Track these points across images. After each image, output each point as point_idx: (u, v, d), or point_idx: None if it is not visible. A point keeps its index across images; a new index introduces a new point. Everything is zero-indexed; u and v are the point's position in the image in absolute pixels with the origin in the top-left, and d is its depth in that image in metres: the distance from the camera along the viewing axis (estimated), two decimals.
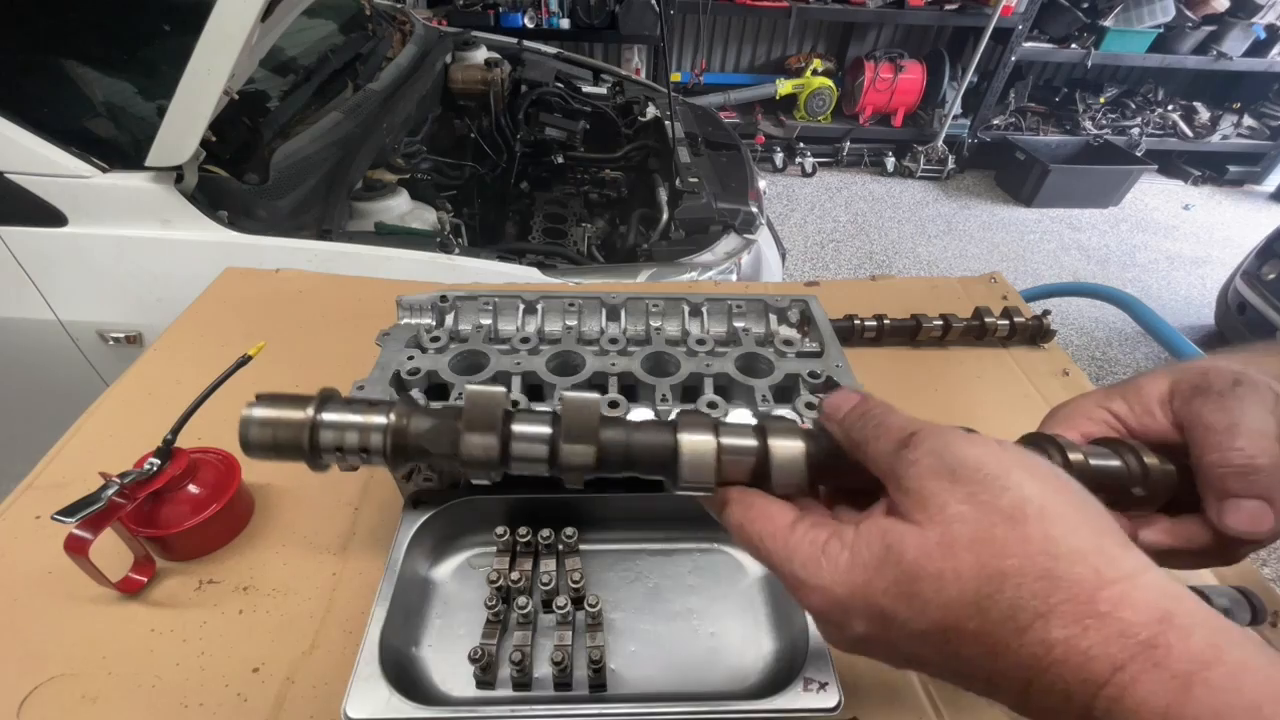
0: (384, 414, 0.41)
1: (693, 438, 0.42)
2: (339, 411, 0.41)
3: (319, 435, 0.40)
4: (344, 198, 1.72)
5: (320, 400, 0.41)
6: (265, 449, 0.41)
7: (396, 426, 0.41)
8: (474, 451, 0.40)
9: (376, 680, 0.59)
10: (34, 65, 1.53)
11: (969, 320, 1.16)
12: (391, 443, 0.40)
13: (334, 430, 0.41)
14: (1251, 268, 3.30)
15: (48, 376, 1.60)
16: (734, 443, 0.42)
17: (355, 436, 0.41)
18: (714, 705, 0.61)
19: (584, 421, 0.42)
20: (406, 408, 0.42)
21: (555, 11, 4.27)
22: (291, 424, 0.40)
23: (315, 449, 0.40)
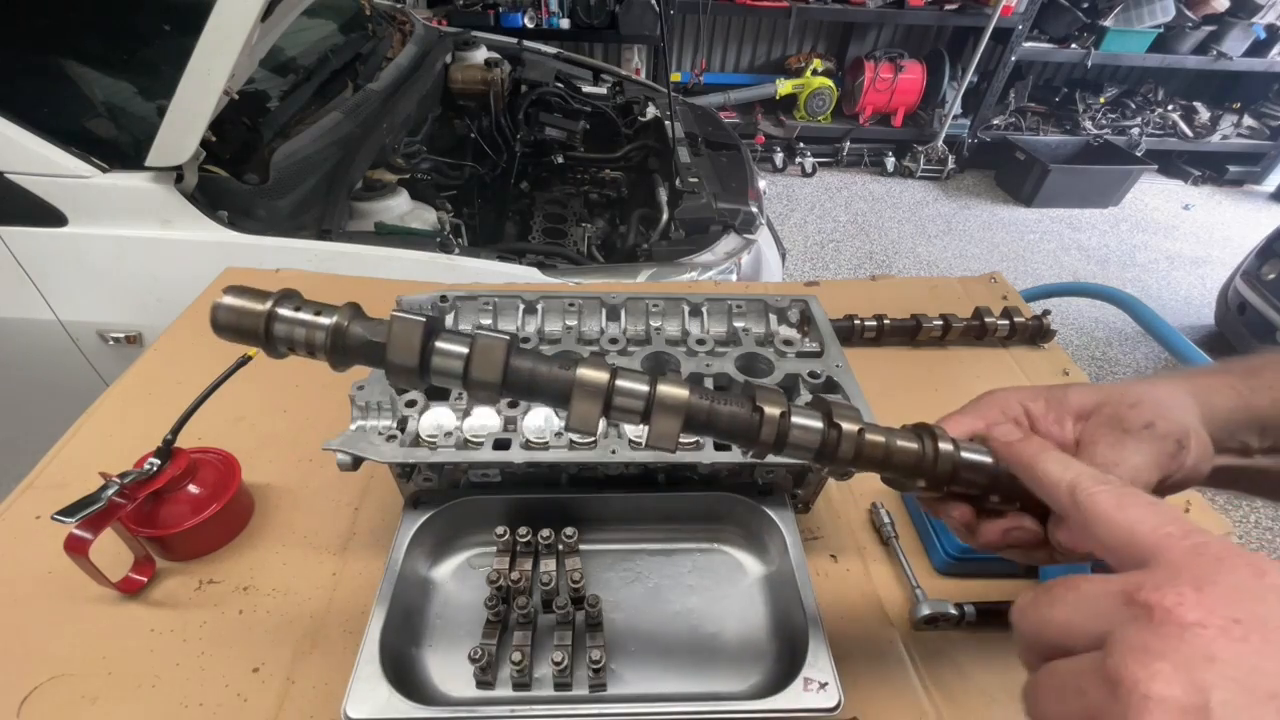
0: (329, 316, 0.46)
1: (588, 372, 0.47)
2: (291, 309, 0.46)
3: (273, 326, 0.45)
4: (344, 198, 1.72)
5: (278, 297, 0.46)
6: (229, 331, 0.46)
7: (336, 327, 0.46)
8: (398, 357, 0.45)
9: (376, 680, 0.59)
10: (34, 65, 1.53)
11: (969, 320, 1.16)
12: (331, 342, 0.45)
13: (285, 324, 0.45)
14: (1251, 268, 3.30)
15: (48, 376, 1.59)
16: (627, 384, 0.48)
17: (303, 332, 0.45)
18: (714, 705, 0.61)
19: (493, 351, 0.47)
20: (350, 313, 0.46)
21: (555, 11, 4.27)
22: (251, 314, 0.45)
23: (270, 338, 0.45)
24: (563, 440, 0.72)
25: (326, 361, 0.47)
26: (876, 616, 0.76)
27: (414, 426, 0.73)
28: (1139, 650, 0.27)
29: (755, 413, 0.48)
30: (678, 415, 0.47)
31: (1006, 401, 0.52)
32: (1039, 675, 0.33)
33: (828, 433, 0.48)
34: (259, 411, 0.98)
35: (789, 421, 0.48)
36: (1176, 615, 0.28)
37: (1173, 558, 0.31)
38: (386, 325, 0.46)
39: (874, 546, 0.84)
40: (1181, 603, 0.28)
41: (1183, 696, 0.26)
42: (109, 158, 1.43)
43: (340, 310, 0.46)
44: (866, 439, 0.48)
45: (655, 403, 0.47)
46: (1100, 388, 0.49)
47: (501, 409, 0.75)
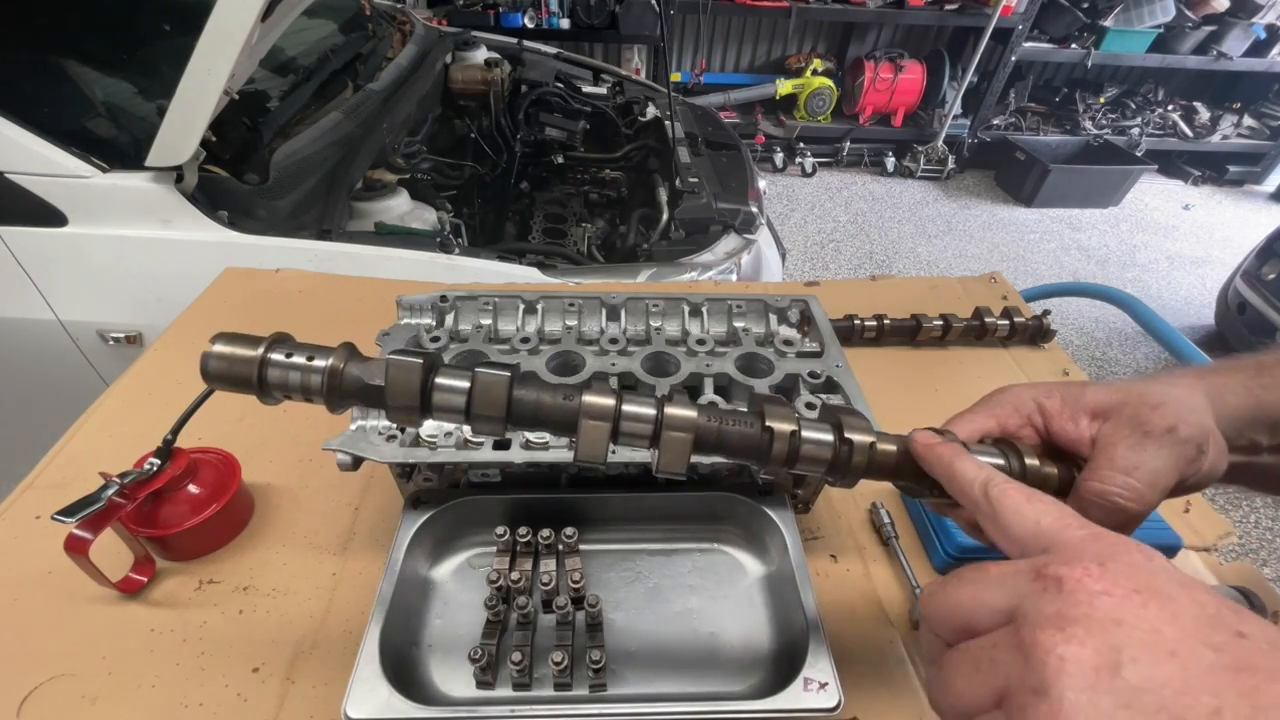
0: (324, 359, 0.45)
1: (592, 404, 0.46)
2: (285, 353, 0.45)
3: (266, 373, 0.45)
4: (344, 198, 1.72)
5: (270, 342, 0.46)
6: (221, 380, 0.46)
7: (332, 370, 0.45)
8: (398, 398, 0.45)
9: (376, 680, 0.59)
10: (34, 65, 1.53)
11: (969, 320, 1.16)
12: (327, 385, 0.45)
13: (279, 369, 0.45)
14: (1251, 268, 3.30)
15: (48, 376, 1.59)
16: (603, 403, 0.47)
17: (297, 377, 0.45)
18: (714, 705, 0.61)
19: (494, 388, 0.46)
20: (345, 355, 0.46)
21: (555, 11, 4.27)
22: (243, 361, 0.45)
23: (264, 385, 0.45)
24: (562, 440, 0.72)
25: (324, 405, 0.46)
26: (876, 616, 0.76)
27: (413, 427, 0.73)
28: (1052, 616, 0.30)
29: (765, 432, 0.47)
30: (686, 438, 0.46)
31: (1020, 398, 0.51)
32: (949, 656, 0.35)
33: (839, 447, 0.47)
34: (259, 411, 0.97)
35: (800, 438, 0.47)
36: (1085, 584, 0.30)
37: (1074, 542, 0.34)
38: (384, 367, 0.45)
39: (874, 546, 0.84)
40: (1088, 574, 0.30)
41: (1094, 656, 0.28)
42: (109, 158, 1.43)
43: (335, 352, 0.46)
44: (878, 450, 0.48)
45: (663, 426, 0.46)
46: (1118, 387, 0.48)
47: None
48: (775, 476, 0.50)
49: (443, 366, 0.47)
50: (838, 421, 0.49)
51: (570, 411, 0.46)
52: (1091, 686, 0.27)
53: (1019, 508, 0.37)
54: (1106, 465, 0.44)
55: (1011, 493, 0.39)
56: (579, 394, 0.46)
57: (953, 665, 0.34)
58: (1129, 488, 0.43)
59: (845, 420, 0.48)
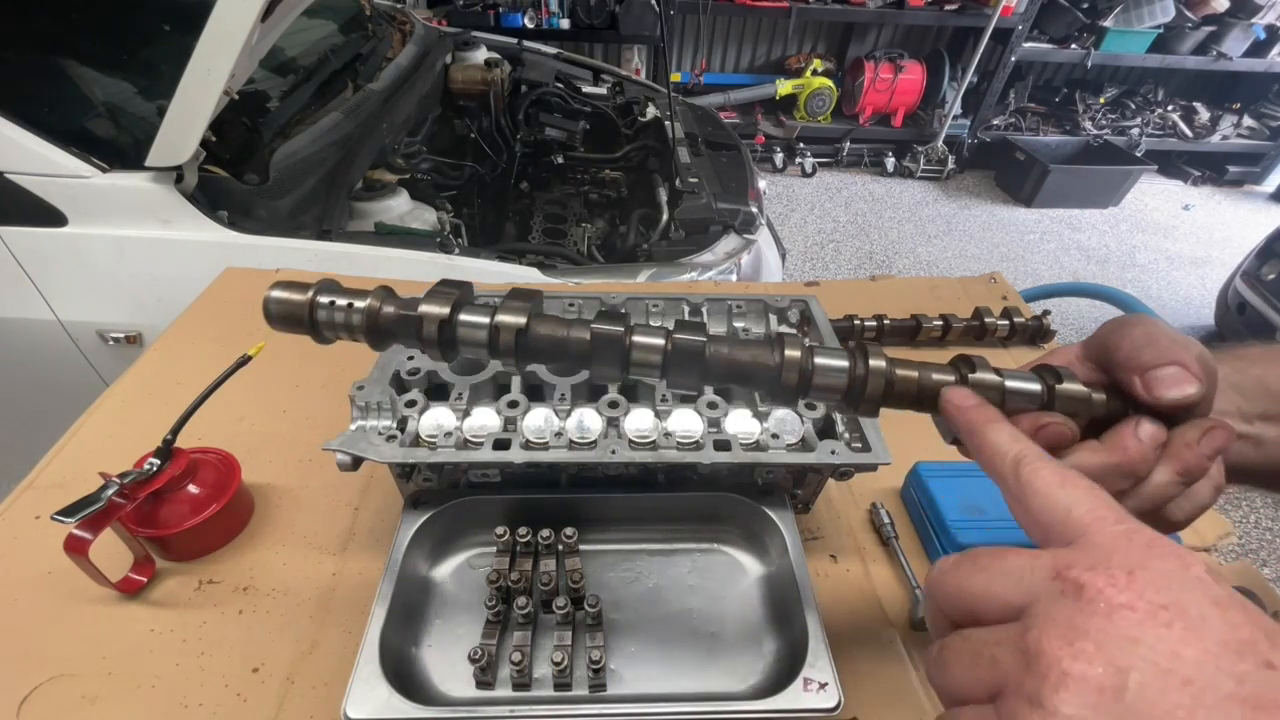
0: (364, 299, 0.50)
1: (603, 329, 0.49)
2: (330, 295, 0.50)
3: (316, 313, 0.50)
4: (344, 198, 1.71)
5: (318, 288, 0.50)
6: (280, 320, 0.50)
7: (370, 309, 0.50)
8: (430, 330, 0.49)
9: (376, 680, 0.59)
10: (34, 65, 1.53)
11: (969, 320, 1.16)
12: (366, 322, 0.50)
13: (326, 310, 0.50)
14: (1251, 268, 3.30)
15: (48, 376, 1.59)
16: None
17: (342, 315, 0.50)
18: (714, 705, 0.61)
19: (519, 302, 0.50)
20: (382, 295, 0.51)
21: (555, 11, 4.27)
22: (295, 303, 0.50)
23: (315, 324, 0.50)
24: (562, 440, 0.72)
25: (366, 343, 0.51)
26: (876, 616, 0.76)
27: (414, 426, 0.73)
28: (1064, 626, 0.28)
29: (776, 353, 0.47)
30: (699, 344, 0.48)
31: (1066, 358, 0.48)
32: (950, 639, 0.33)
33: (854, 369, 0.45)
34: (259, 411, 0.98)
35: (812, 360, 0.46)
36: (1107, 595, 0.28)
37: (1104, 540, 0.31)
38: (415, 305, 0.50)
39: (874, 547, 0.84)
40: (1113, 584, 0.28)
41: (1102, 676, 0.26)
42: (109, 158, 1.43)
43: (373, 294, 0.50)
44: (897, 374, 0.45)
45: (673, 351, 0.48)
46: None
47: (501, 409, 0.75)
48: (790, 404, 0.50)
49: (468, 305, 0.50)
50: (856, 347, 0.48)
51: (582, 343, 0.49)
52: (1091, 706, 0.26)
53: (1050, 491, 0.34)
54: (1126, 334, 0.44)
55: (1044, 473, 0.35)
56: (590, 325, 0.50)
57: (953, 651, 0.33)
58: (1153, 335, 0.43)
59: (866, 348, 0.47)
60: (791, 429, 0.75)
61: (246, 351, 0.81)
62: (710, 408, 0.76)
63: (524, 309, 0.50)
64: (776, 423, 0.76)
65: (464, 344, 0.50)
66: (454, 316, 0.50)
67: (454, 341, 0.50)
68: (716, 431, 0.75)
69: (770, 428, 0.75)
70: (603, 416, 0.75)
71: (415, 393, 0.76)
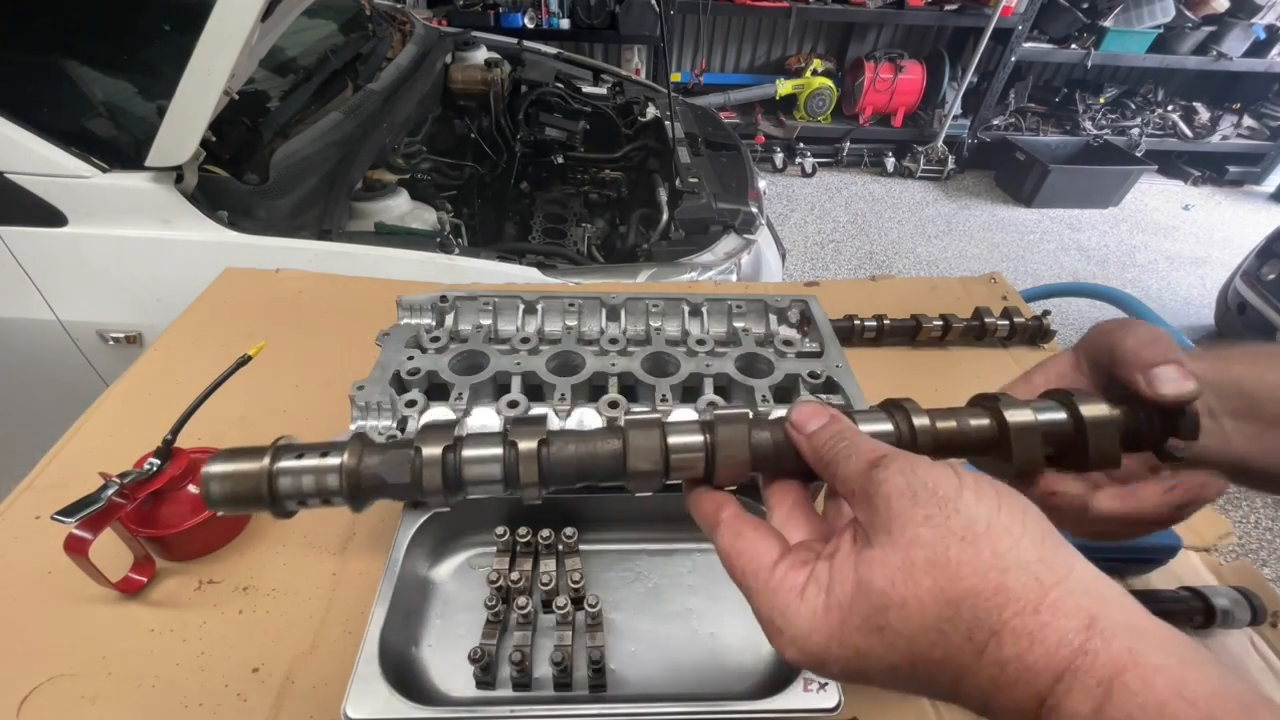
0: (338, 455, 0.41)
1: (639, 436, 0.42)
2: (294, 459, 0.41)
3: (277, 484, 0.41)
4: (344, 198, 1.71)
5: (275, 450, 0.41)
6: (229, 503, 0.41)
7: (350, 467, 0.41)
8: (432, 479, 0.41)
9: (376, 680, 0.59)
10: (34, 65, 1.53)
11: (969, 320, 1.16)
12: (347, 483, 0.41)
13: (291, 477, 0.41)
14: (1251, 268, 3.30)
15: (48, 376, 1.59)
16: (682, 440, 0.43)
17: (311, 480, 0.41)
18: (714, 705, 0.61)
19: (532, 434, 0.43)
20: (359, 445, 0.42)
21: (555, 11, 4.27)
22: (249, 476, 0.41)
23: (275, 497, 0.41)
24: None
25: (348, 506, 0.42)
26: None
27: (414, 426, 0.73)
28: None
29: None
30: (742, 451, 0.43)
31: (1060, 368, 0.50)
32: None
33: (899, 428, 0.43)
34: (259, 411, 0.98)
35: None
36: None
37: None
38: (407, 461, 0.41)
39: None
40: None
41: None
42: (109, 158, 1.43)
43: (349, 447, 0.41)
44: (939, 427, 0.43)
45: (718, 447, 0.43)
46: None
47: (501, 409, 0.75)
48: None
49: (467, 439, 0.43)
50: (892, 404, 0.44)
51: (615, 456, 0.42)
52: None
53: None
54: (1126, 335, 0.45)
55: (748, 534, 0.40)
56: (623, 435, 0.42)
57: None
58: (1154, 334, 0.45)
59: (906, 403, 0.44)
60: None
61: (246, 351, 0.81)
62: (711, 407, 0.77)
63: (538, 431, 0.43)
64: None
65: (472, 483, 0.42)
66: (457, 453, 0.42)
67: (460, 483, 0.42)
68: None
69: None
70: (603, 416, 0.75)
71: (415, 393, 0.76)
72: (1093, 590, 0.29)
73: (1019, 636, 0.28)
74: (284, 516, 0.42)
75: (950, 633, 0.30)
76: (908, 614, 0.31)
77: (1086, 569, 0.30)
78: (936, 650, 0.30)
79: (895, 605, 0.31)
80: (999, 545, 0.30)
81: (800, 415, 0.42)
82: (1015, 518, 0.32)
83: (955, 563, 0.30)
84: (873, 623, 0.32)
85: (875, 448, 0.37)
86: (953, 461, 0.35)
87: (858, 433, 0.40)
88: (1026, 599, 0.29)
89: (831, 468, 0.38)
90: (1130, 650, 0.27)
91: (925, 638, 0.30)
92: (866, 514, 0.35)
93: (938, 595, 0.30)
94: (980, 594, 0.29)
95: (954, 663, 0.30)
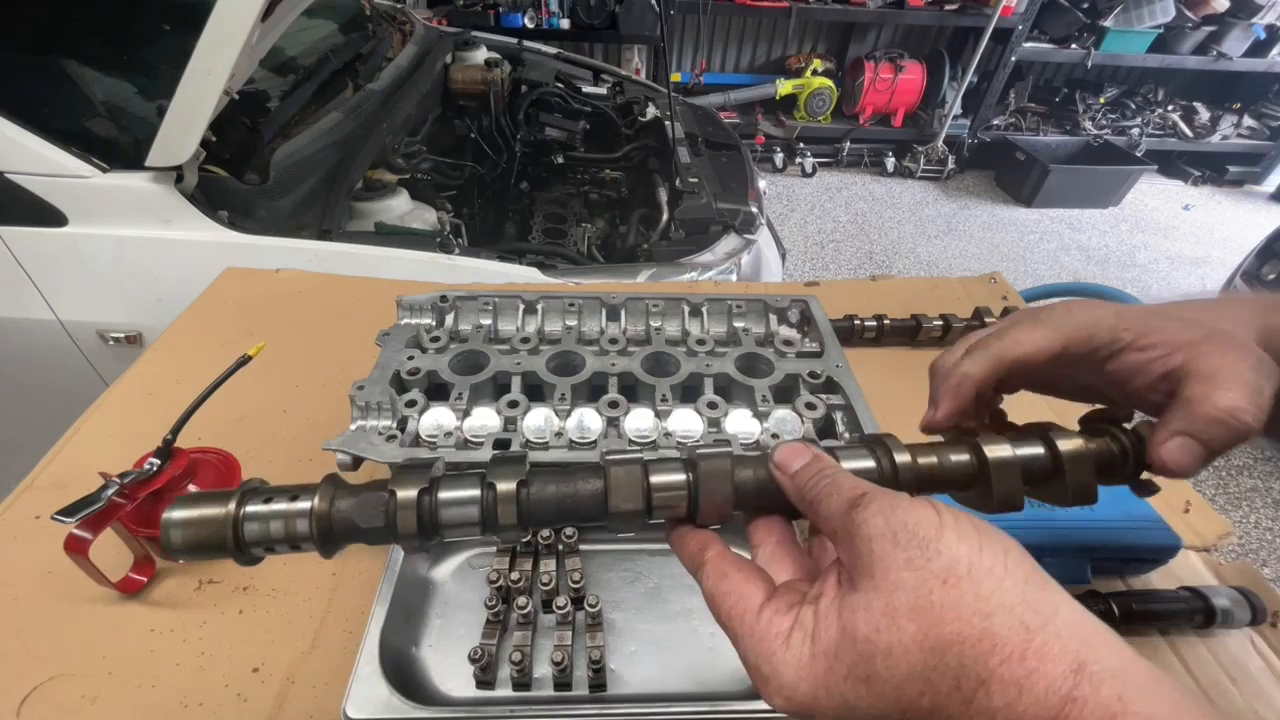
0: (308, 499, 0.40)
1: (621, 474, 0.41)
2: (261, 503, 0.40)
3: (242, 530, 0.39)
4: (344, 198, 1.71)
5: (241, 494, 0.40)
6: (190, 550, 0.39)
7: (321, 511, 0.39)
8: (406, 523, 0.40)
9: (376, 680, 0.59)
10: (34, 65, 1.53)
11: (969, 320, 1.16)
12: (318, 528, 0.39)
13: (259, 522, 0.39)
14: (1251, 268, 3.30)
15: (48, 376, 1.59)
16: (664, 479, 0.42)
17: (280, 526, 0.39)
18: (714, 705, 0.61)
19: (511, 474, 0.42)
20: (330, 488, 0.40)
21: (555, 11, 4.27)
22: (214, 522, 0.39)
23: (241, 545, 0.39)
24: (563, 440, 0.72)
25: (317, 551, 0.40)
26: None
27: (414, 426, 0.73)
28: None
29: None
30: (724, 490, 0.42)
31: (1096, 323, 0.45)
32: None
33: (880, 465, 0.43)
34: (259, 411, 0.98)
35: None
36: None
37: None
38: (381, 504, 0.40)
39: None
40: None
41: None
42: (109, 158, 1.43)
43: (320, 490, 0.40)
44: (920, 463, 0.43)
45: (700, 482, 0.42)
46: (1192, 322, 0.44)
47: (501, 409, 0.75)
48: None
49: (442, 480, 0.41)
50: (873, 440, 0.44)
51: (596, 494, 0.41)
52: None
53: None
54: (1234, 382, 0.40)
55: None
56: (603, 471, 0.42)
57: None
58: (1259, 407, 0.39)
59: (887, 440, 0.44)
60: (792, 429, 0.75)
61: (246, 351, 0.81)
62: (710, 408, 0.77)
63: (517, 471, 0.42)
64: (777, 422, 0.76)
65: (449, 527, 0.41)
66: (434, 495, 0.40)
67: (436, 527, 0.41)
68: (716, 431, 0.75)
69: (770, 427, 0.75)
70: (603, 416, 0.75)
71: (415, 393, 0.76)
72: (1079, 633, 0.29)
73: (1006, 686, 0.28)
74: (249, 564, 0.41)
75: (937, 681, 0.29)
76: (893, 662, 0.30)
77: (1073, 609, 0.30)
78: (924, 699, 0.30)
79: (880, 653, 0.31)
80: (982, 588, 0.30)
81: (783, 455, 0.41)
82: (997, 558, 0.31)
83: (939, 607, 0.30)
84: (859, 671, 0.31)
85: (855, 485, 0.37)
86: (932, 499, 0.35)
87: (840, 470, 0.39)
88: (1013, 645, 0.28)
89: (815, 506, 0.38)
90: (1120, 698, 0.26)
91: (912, 686, 0.30)
92: (849, 555, 0.35)
93: (922, 642, 0.30)
94: (965, 640, 0.29)
95: (942, 713, 0.30)
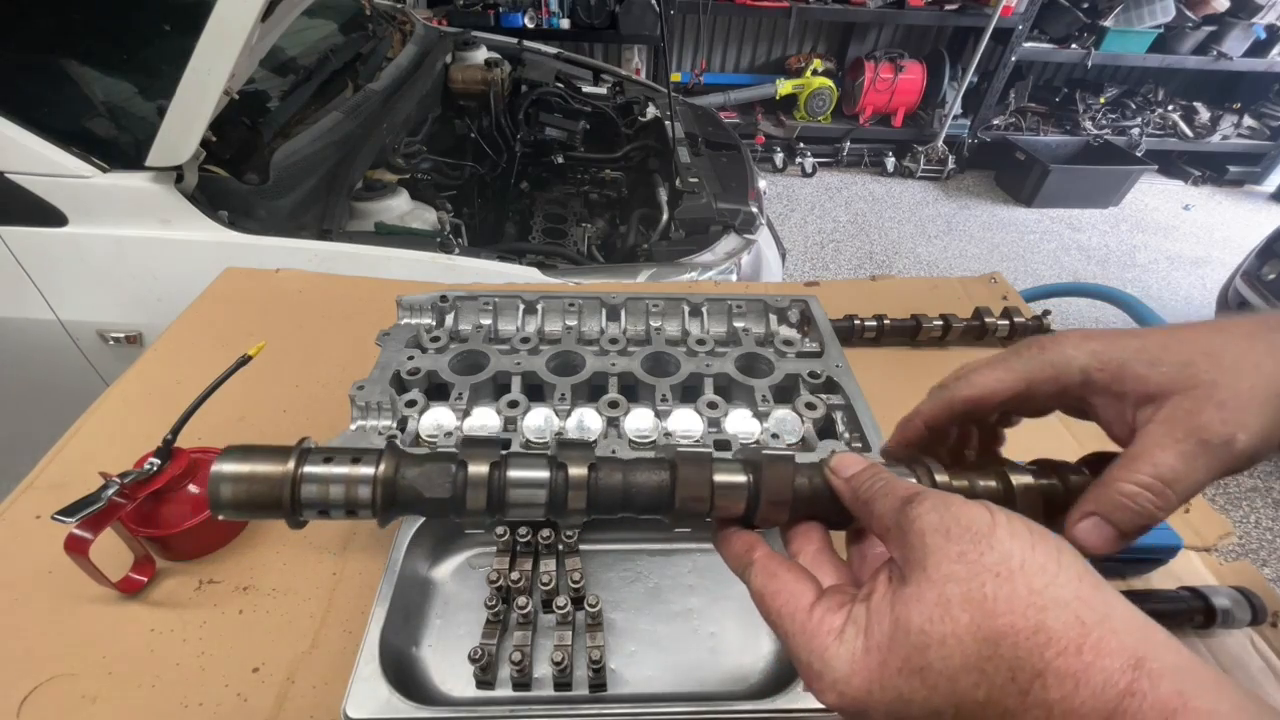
0: (370, 464, 0.38)
1: (690, 470, 0.42)
2: (321, 463, 0.38)
3: (300, 491, 0.37)
4: (344, 198, 1.72)
5: (300, 453, 0.38)
6: (239, 508, 0.37)
7: (385, 477, 0.38)
8: (475, 499, 0.39)
9: (376, 680, 0.59)
10: (34, 65, 1.53)
11: (969, 320, 1.16)
12: (382, 494, 0.38)
13: (318, 484, 0.37)
14: (1251, 268, 3.30)
15: (48, 376, 1.59)
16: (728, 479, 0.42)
17: (341, 490, 0.38)
18: (714, 705, 0.61)
19: (581, 459, 0.42)
20: (395, 455, 0.39)
21: (555, 11, 4.27)
22: (269, 479, 0.37)
23: (296, 506, 0.37)
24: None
25: (375, 519, 0.39)
26: None
27: (414, 426, 0.73)
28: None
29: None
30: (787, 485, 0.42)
31: (1065, 363, 0.43)
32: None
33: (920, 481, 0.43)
34: (259, 411, 0.98)
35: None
36: None
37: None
38: (448, 474, 0.39)
39: None
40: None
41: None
42: (109, 158, 1.43)
43: (384, 456, 0.39)
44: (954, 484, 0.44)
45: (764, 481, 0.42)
46: (1175, 359, 0.41)
47: (501, 409, 0.75)
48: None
49: (511, 458, 0.41)
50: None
51: (663, 483, 0.41)
52: None
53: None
54: (1149, 468, 0.39)
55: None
56: (664, 467, 0.42)
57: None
58: (1166, 498, 0.38)
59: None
60: (792, 429, 0.75)
61: (246, 351, 0.81)
62: (710, 407, 0.77)
63: (587, 455, 0.41)
64: (776, 423, 0.76)
65: (515, 506, 0.40)
66: (503, 471, 0.40)
67: (503, 504, 0.40)
68: (717, 431, 0.75)
69: (770, 427, 0.75)
70: (603, 416, 0.75)
71: (415, 393, 0.76)
72: (1136, 630, 0.29)
73: (1063, 678, 0.28)
74: (297, 527, 0.39)
75: (992, 673, 0.29)
76: (947, 652, 0.30)
77: (1127, 608, 0.30)
78: (979, 691, 0.30)
79: (934, 644, 0.31)
80: (1035, 583, 0.30)
81: (840, 462, 0.43)
82: (1050, 556, 0.31)
83: (991, 599, 0.30)
84: (913, 663, 0.31)
85: (910, 486, 0.38)
86: (985, 500, 0.35)
87: (892, 475, 0.40)
88: (1069, 638, 0.28)
89: (869, 505, 0.39)
90: (1180, 693, 0.26)
91: (967, 678, 0.30)
92: (901, 551, 0.35)
93: (975, 632, 0.30)
94: (1019, 632, 0.29)
95: (998, 705, 0.29)
